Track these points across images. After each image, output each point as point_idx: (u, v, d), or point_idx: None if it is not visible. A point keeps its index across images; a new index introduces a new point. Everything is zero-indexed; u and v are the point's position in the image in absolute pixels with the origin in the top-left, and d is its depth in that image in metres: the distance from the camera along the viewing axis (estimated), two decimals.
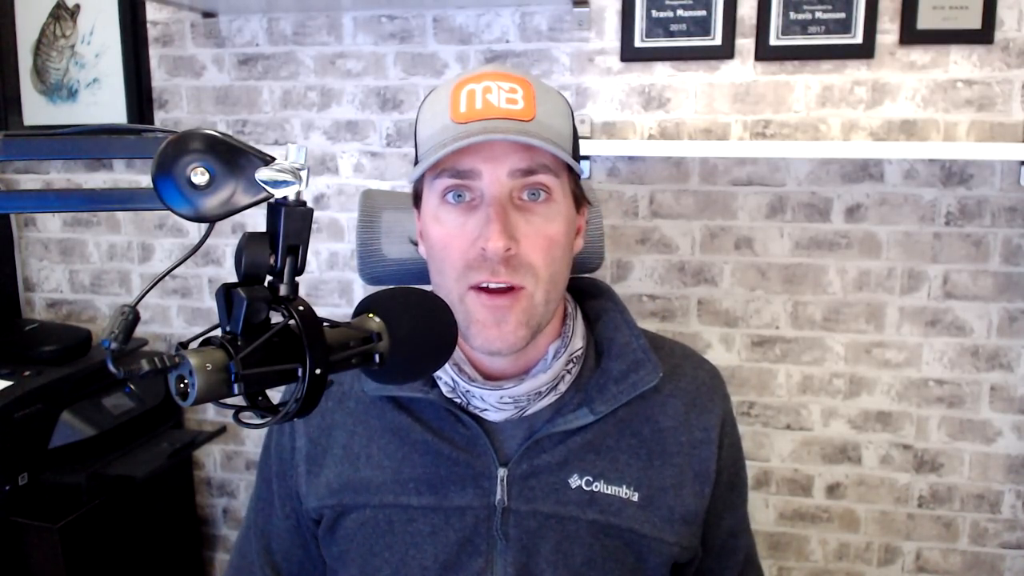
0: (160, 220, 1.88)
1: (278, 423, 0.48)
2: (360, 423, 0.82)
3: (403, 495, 0.78)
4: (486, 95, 0.71)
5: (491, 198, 0.71)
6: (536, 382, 0.77)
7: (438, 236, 0.74)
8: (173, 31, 1.79)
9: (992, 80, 1.49)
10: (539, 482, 0.77)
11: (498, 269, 0.70)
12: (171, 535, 1.83)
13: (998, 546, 1.64)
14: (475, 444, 0.78)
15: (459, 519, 0.77)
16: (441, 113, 0.73)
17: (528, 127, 0.71)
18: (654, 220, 1.65)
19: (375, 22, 1.70)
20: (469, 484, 0.77)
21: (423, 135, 0.76)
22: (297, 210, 0.48)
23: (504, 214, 0.70)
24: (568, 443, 0.78)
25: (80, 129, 0.49)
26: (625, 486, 0.78)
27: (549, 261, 0.73)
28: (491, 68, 0.75)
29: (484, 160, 0.71)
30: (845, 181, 1.58)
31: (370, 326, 0.54)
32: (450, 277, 0.73)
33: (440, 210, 0.74)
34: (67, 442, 1.53)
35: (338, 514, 0.81)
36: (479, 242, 0.70)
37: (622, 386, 0.79)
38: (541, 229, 0.72)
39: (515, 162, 0.71)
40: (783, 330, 1.65)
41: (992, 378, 1.59)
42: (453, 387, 0.78)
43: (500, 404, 0.77)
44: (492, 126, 0.70)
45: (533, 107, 0.72)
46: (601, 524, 0.77)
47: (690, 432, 0.82)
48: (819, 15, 1.51)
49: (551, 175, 0.73)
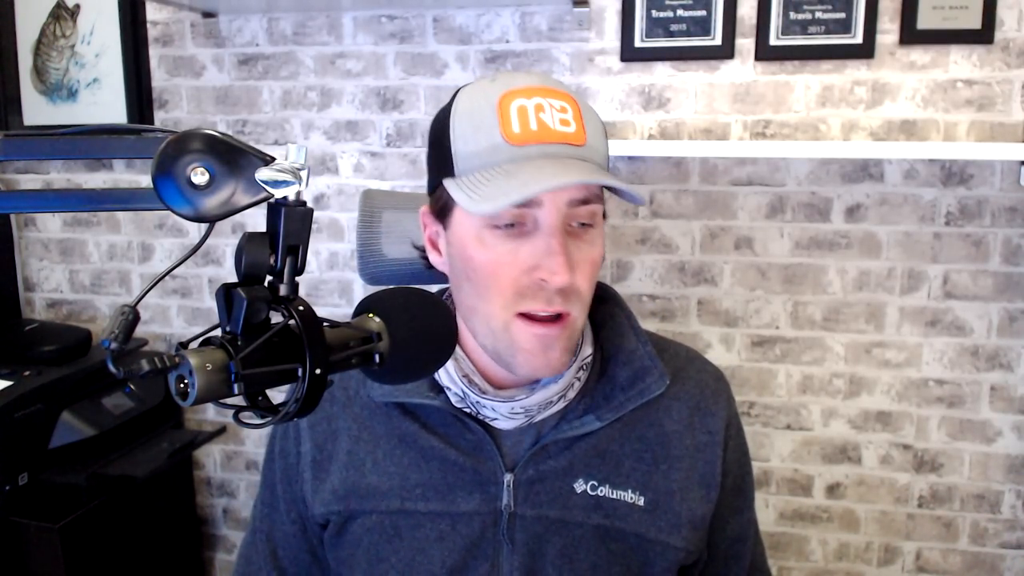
0: (160, 220, 1.88)
1: (278, 423, 0.48)
2: (365, 429, 0.82)
3: (409, 501, 0.78)
4: (539, 114, 0.69)
5: (551, 228, 0.68)
6: (548, 392, 0.76)
7: (484, 261, 0.70)
8: (173, 31, 1.79)
9: (992, 80, 1.49)
10: (545, 487, 0.77)
11: (554, 299, 0.69)
12: (171, 535, 1.83)
13: (998, 546, 1.64)
14: (481, 450, 0.78)
15: (466, 524, 0.77)
16: (488, 129, 0.69)
17: (583, 152, 0.69)
18: (654, 220, 1.65)
19: (375, 22, 1.70)
20: (476, 489, 0.77)
21: (464, 149, 0.70)
22: (297, 210, 0.48)
23: (566, 246, 0.68)
24: (574, 449, 0.78)
25: (80, 129, 0.49)
26: (631, 491, 0.78)
27: (592, 286, 0.73)
28: (537, 81, 0.71)
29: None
30: (845, 181, 1.58)
31: (370, 326, 0.54)
32: (496, 304, 0.71)
33: (485, 232, 0.70)
34: (67, 442, 1.53)
35: (344, 519, 0.81)
36: (537, 272, 0.68)
37: (629, 393, 0.79)
38: (588, 255, 0.71)
39: (574, 192, 0.69)
40: (783, 330, 1.65)
41: (992, 378, 1.59)
42: (463, 397, 0.78)
43: (511, 414, 0.77)
44: (552, 151, 0.68)
45: (583, 129, 0.70)
46: (607, 529, 0.77)
47: (695, 436, 0.81)
48: (819, 15, 1.51)
49: (599, 203, 0.72)
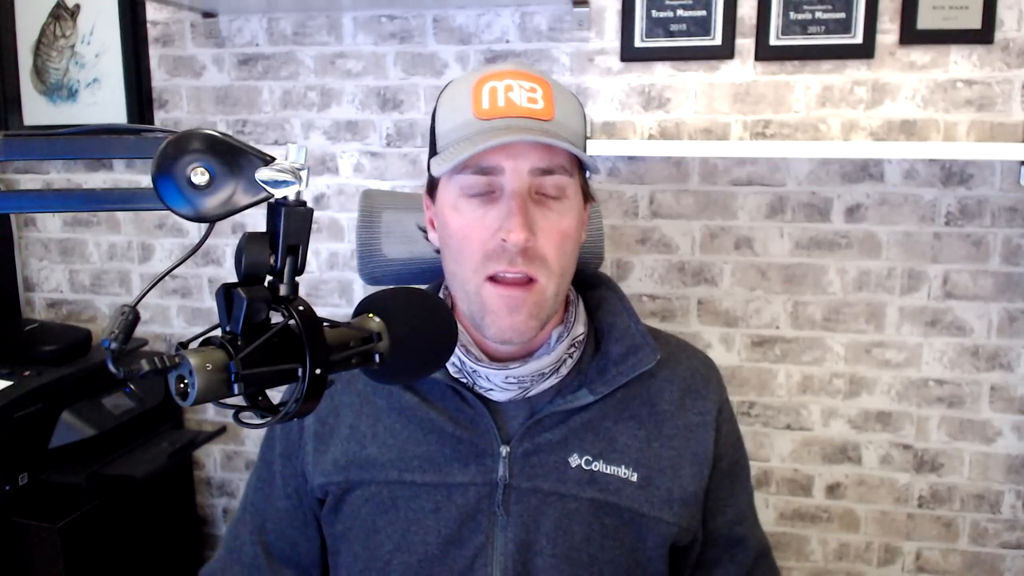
0: (160, 220, 1.88)
1: (278, 423, 0.48)
2: (367, 403, 0.85)
3: (407, 472, 0.81)
4: (508, 93, 0.74)
5: (512, 192, 0.74)
6: (539, 364, 0.80)
7: (458, 226, 0.76)
8: (173, 31, 1.79)
9: (992, 80, 1.49)
10: (540, 460, 0.80)
11: (516, 260, 0.73)
12: (171, 535, 1.83)
13: (998, 546, 1.64)
14: (479, 423, 0.81)
15: (461, 495, 0.79)
16: (462, 108, 0.76)
17: (548, 127, 0.74)
18: (654, 220, 1.65)
19: (375, 22, 1.69)
20: (472, 461, 0.80)
21: (443, 128, 0.78)
22: (297, 210, 0.48)
23: (525, 208, 0.73)
24: (569, 423, 0.81)
25: (80, 129, 0.49)
26: (624, 466, 0.81)
27: (561, 255, 0.76)
28: (511, 67, 0.78)
29: (507, 157, 0.73)
30: (845, 181, 1.58)
31: (370, 326, 0.54)
32: (468, 267, 0.76)
33: (460, 201, 0.76)
34: (67, 442, 1.53)
35: (343, 491, 0.83)
36: (499, 233, 0.73)
37: (621, 367, 0.82)
38: (556, 224, 0.75)
39: (535, 160, 0.74)
40: (783, 330, 1.65)
41: (992, 378, 1.59)
42: (460, 367, 0.81)
43: (505, 384, 0.80)
44: (515, 124, 0.73)
45: (552, 107, 0.75)
46: (601, 502, 0.79)
47: (686, 416, 0.84)
48: (819, 15, 1.51)
49: (566, 175, 0.76)
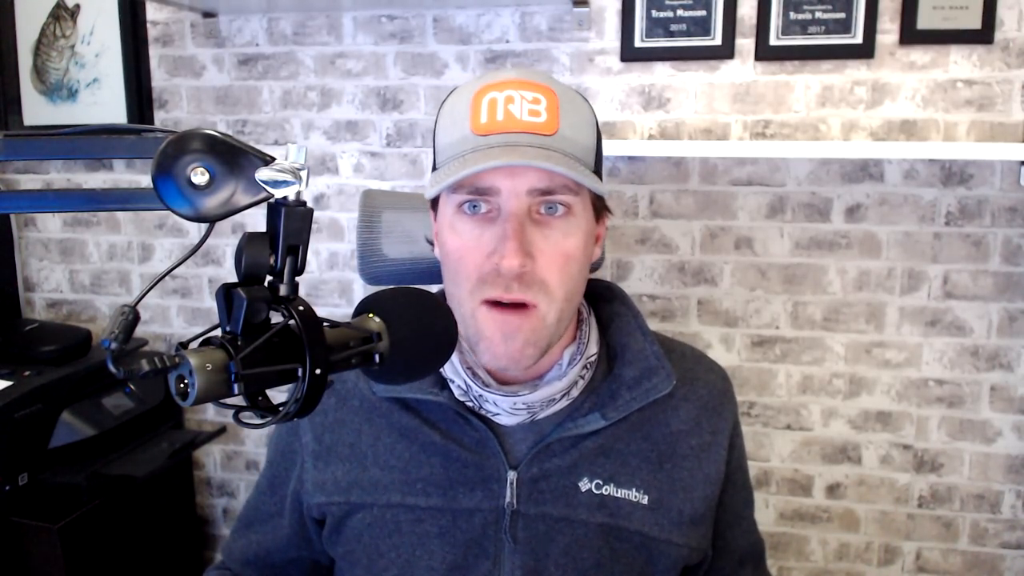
0: (160, 220, 1.88)
1: (278, 423, 0.48)
2: (367, 422, 0.82)
3: (411, 495, 0.78)
4: (508, 105, 0.70)
5: (509, 214, 0.69)
6: (551, 389, 0.76)
7: (454, 246, 0.72)
8: (173, 31, 1.79)
9: (992, 80, 1.49)
10: (549, 485, 0.77)
11: (511, 285, 0.69)
12: (171, 535, 1.83)
13: (998, 546, 1.64)
14: (485, 446, 0.78)
15: (467, 521, 0.77)
16: (461, 121, 0.72)
17: (550, 142, 0.69)
18: (654, 220, 1.65)
19: (375, 22, 1.69)
20: (478, 486, 0.77)
21: (442, 142, 0.74)
22: (297, 210, 0.48)
23: (521, 231, 0.69)
24: (579, 447, 0.78)
25: (80, 129, 0.49)
26: (635, 489, 0.78)
27: (565, 278, 0.72)
28: (515, 74, 0.72)
29: (504, 177, 0.69)
30: (845, 181, 1.58)
31: (370, 326, 0.54)
32: (463, 289, 0.72)
33: (456, 219, 0.72)
34: (67, 442, 1.53)
35: (345, 512, 0.81)
36: (494, 257, 0.69)
37: (635, 392, 0.78)
38: (558, 245, 0.71)
39: (534, 180, 0.69)
40: (783, 330, 1.65)
41: (992, 378, 1.59)
42: (466, 391, 0.77)
43: (513, 409, 0.77)
44: (514, 140, 0.69)
45: (556, 119, 0.70)
46: (611, 527, 0.77)
47: (701, 436, 0.81)
48: (819, 15, 1.51)
49: (570, 193, 0.71)
